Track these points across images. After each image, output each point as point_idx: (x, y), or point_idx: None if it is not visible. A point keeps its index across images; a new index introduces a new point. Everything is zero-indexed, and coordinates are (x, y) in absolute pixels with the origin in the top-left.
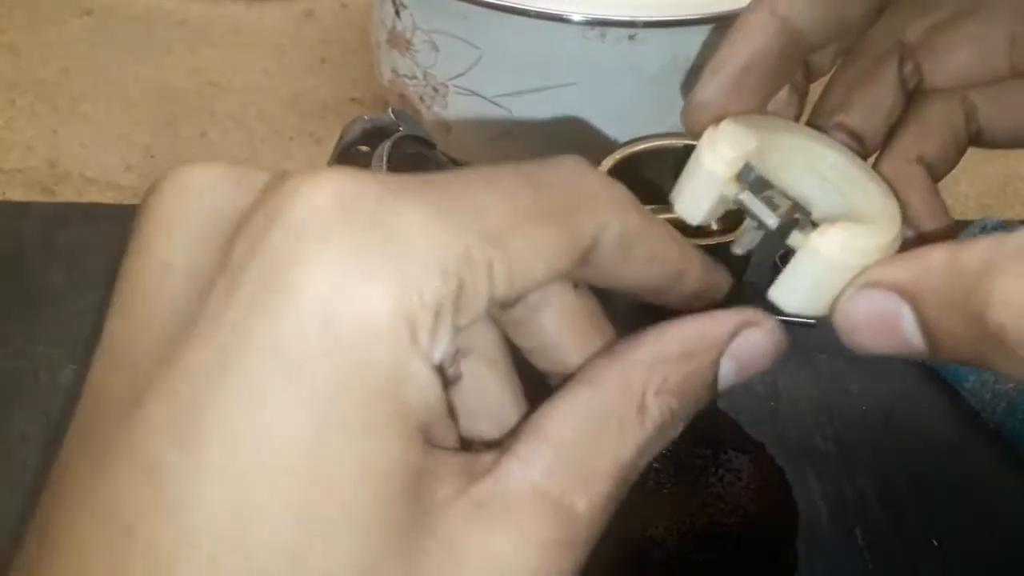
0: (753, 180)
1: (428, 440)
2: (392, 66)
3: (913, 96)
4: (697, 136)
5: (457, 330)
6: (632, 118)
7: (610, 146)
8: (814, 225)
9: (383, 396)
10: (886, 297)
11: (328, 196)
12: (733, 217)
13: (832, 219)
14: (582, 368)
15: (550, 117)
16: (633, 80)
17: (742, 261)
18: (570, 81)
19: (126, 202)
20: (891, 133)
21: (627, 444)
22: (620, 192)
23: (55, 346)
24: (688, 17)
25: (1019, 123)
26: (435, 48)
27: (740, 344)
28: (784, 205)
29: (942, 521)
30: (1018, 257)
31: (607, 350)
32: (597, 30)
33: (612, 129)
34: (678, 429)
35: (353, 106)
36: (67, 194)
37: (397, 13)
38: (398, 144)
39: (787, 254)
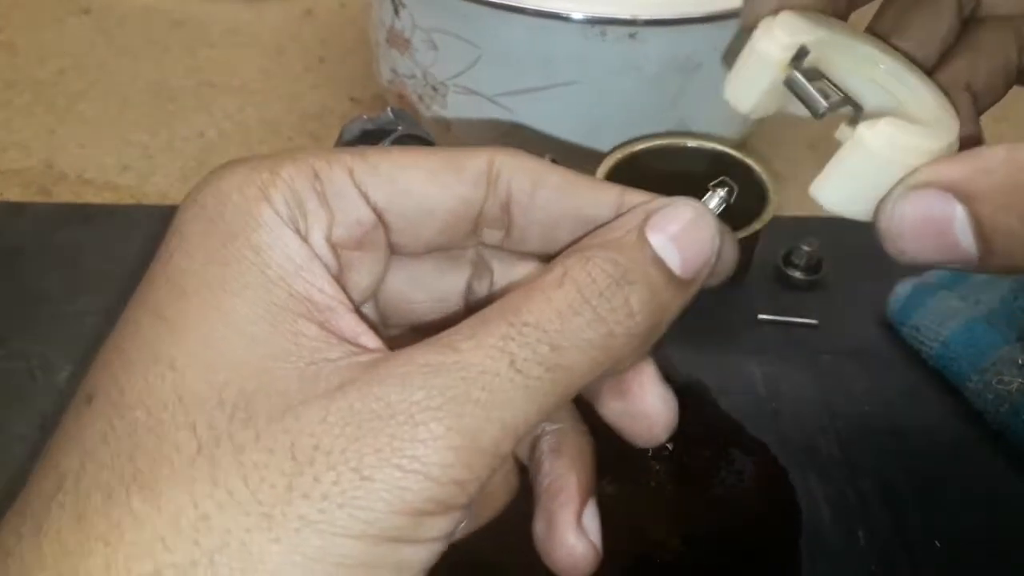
0: (806, 67)
1: (319, 320)
2: (391, 65)
3: (968, 22)
4: (752, 28)
5: (335, 219)
6: (632, 117)
7: (610, 146)
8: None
9: (233, 236)
10: (939, 198)
11: (237, 159)
12: (734, 217)
13: (882, 115)
14: None
15: (550, 116)
16: (633, 79)
17: (744, 261)
18: (570, 80)
19: (123, 203)
20: (943, 58)
21: (535, 297)
22: (510, 147)
23: (52, 347)
24: (689, 16)
25: None
26: (434, 47)
27: (656, 219)
28: (835, 96)
29: (944, 522)
30: None
31: None
32: (598, 29)
33: (612, 128)
34: (628, 302)
35: (352, 105)
36: (64, 195)
37: (396, 12)
38: (397, 143)
39: (790, 253)
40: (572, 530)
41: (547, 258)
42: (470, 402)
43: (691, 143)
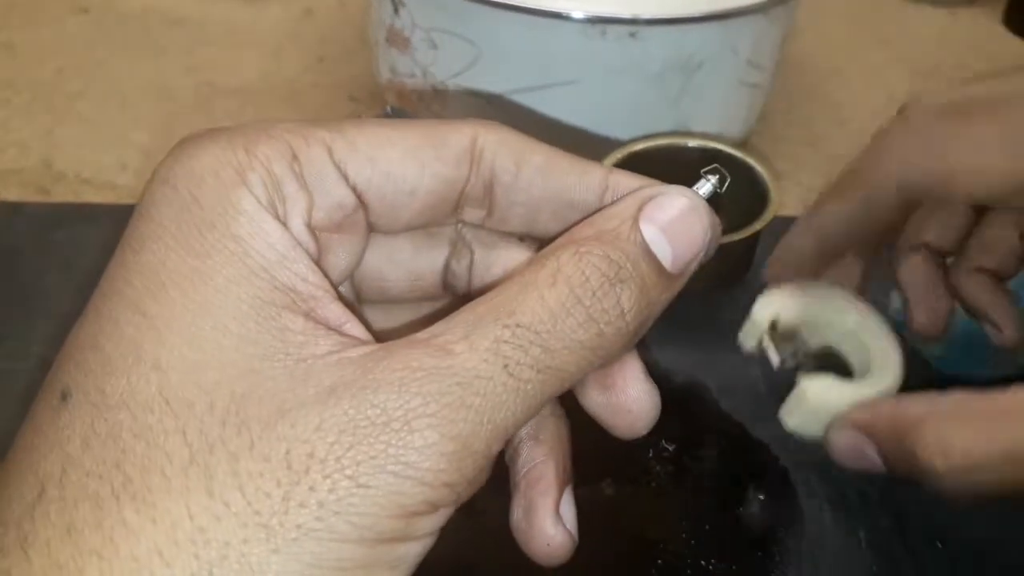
0: (782, 331)
1: (304, 310)
2: (391, 65)
3: (979, 211)
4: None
5: (314, 203)
6: (632, 117)
7: (610, 145)
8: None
9: (212, 225)
10: (855, 435)
11: (205, 131)
12: (734, 217)
13: (862, 363)
14: None
15: (550, 115)
16: (634, 78)
17: (744, 260)
18: (570, 79)
19: (122, 202)
20: (959, 247)
21: (528, 296)
22: (494, 123)
23: (51, 346)
24: (689, 15)
25: None
26: (434, 46)
27: (651, 208)
28: (800, 351)
29: (944, 523)
30: (942, 416)
31: None
32: (598, 28)
33: (612, 128)
34: (619, 301)
35: (351, 105)
36: (63, 194)
37: (396, 11)
38: None
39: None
40: (551, 519)
41: (528, 238)
42: (464, 407)
43: (691, 143)
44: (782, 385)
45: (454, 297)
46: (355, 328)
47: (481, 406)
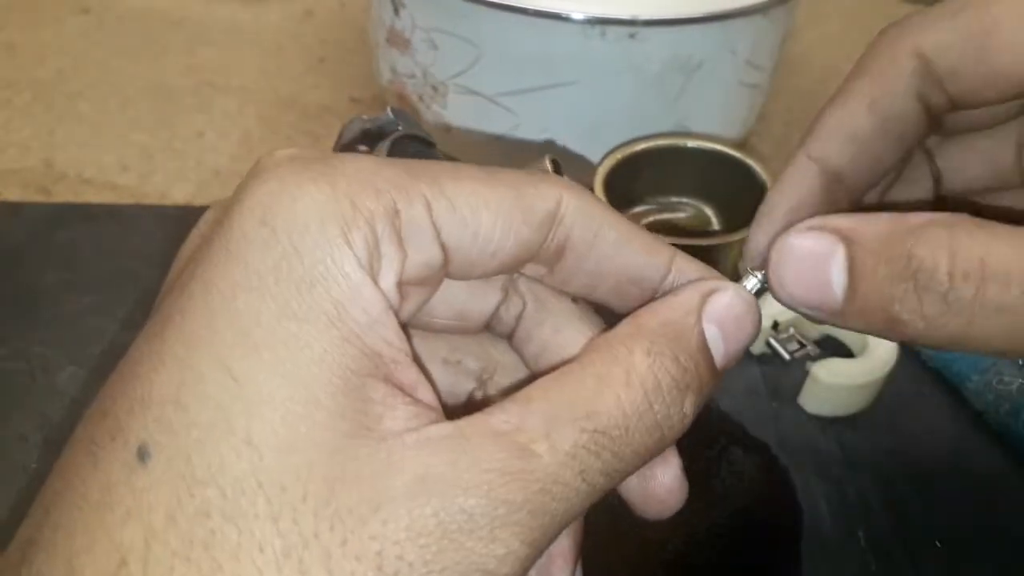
0: (779, 329)
1: (383, 374)
2: (391, 65)
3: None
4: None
5: (407, 260)
6: (632, 117)
7: (610, 146)
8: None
9: (312, 284)
10: (824, 238)
11: (287, 151)
12: (734, 217)
13: (859, 342)
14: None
15: (550, 116)
16: (633, 79)
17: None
18: (570, 80)
19: (123, 202)
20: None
21: (605, 398)
22: (577, 184)
23: (52, 347)
24: (689, 16)
25: None
26: (434, 47)
27: (713, 306)
28: (807, 344)
29: (944, 523)
30: (962, 221)
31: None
32: (598, 28)
33: (612, 128)
34: (683, 408)
35: (352, 105)
36: (64, 194)
37: (396, 12)
38: (397, 143)
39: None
40: None
41: (582, 300)
42: (543, 513)
43: (691, 143)
44: (781, 384)
45: (487, 329)
46: (426, 392)
47: (556, 511)
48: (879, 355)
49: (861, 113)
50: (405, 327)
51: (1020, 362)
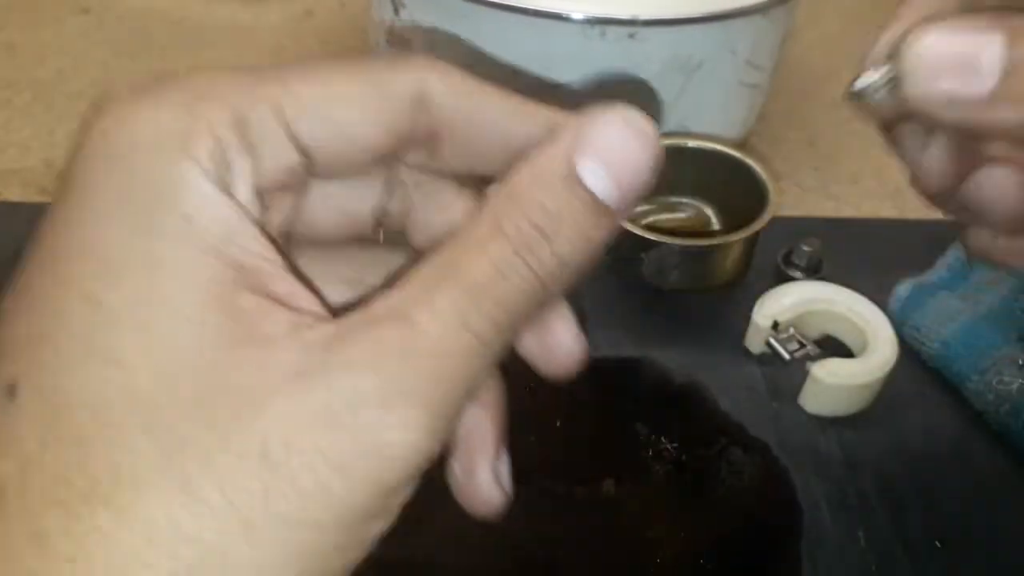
0: (782, 329)
1: (252, 285)
2: None
3: None
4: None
5: (262, 166)
6: None
7: None
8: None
9: (158, 202)
10: (978, 31)
11: (138, 85)
12: (734, 217)
13: (859, 342)
14: None
15: None
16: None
17: (744, 260)
18: (570, 80)
19: None
20: None
21: (474, 255)
22: (442, 63)
23: None
24: (689, 16)
25: None
26: (434, 47)
27: (586, 139)
28: (807, 344)
29: (944, 523)
30: None
31: None
32: (597, 28)
33: None
34: (558, 252)
35: None
36: None
37: (396, 12)
38: None
39: (789, 253)
40: (489, 478)
41: (470, 180)
42: (436, 379)
43: (691, 143)
44: (781, 384)
45: (388, 238)
46: (307, 300)
47: (452, 374)
48: (879, 355)
49: None
50: (280, 242)
51: (1020, 362)
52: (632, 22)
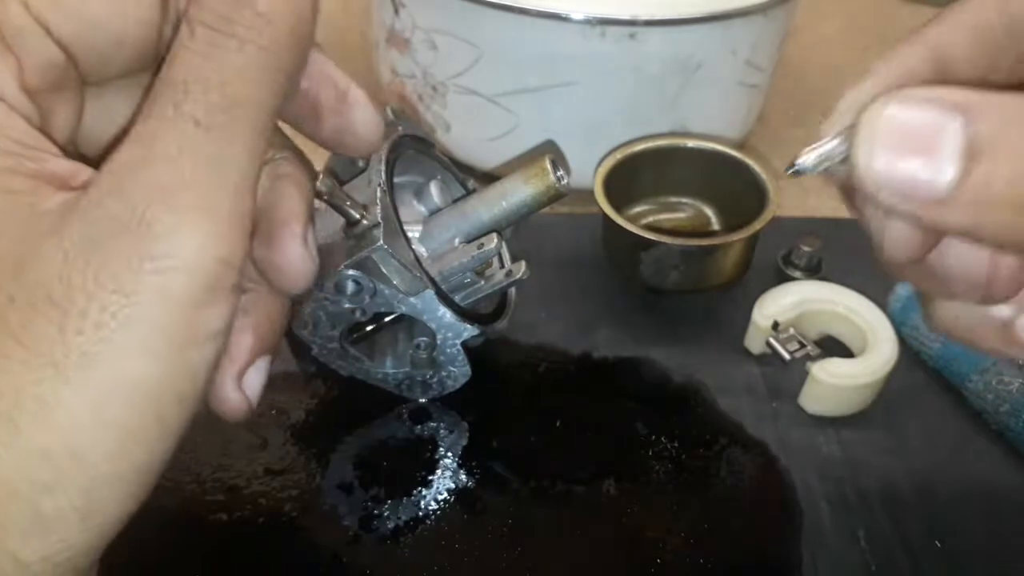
0: (779, 329)
1: (26, 171)
2: (391, 66)
3: None
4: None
5: (23, 63)
6: (632, 117)
7: (610, 146)
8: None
9: None
10: (932, 108)
11: None
12: (734, 217)
13: (859, 342)
14: None
15: (550, 116)
16: (633, 79)
17: (743, 260)
18: (570, 80)
19: None
20: None
21: (179, 58)
22: None
23: None
24: (689, 16)
25: None
26: (434, 47)
27: None
28: (807, 344)
29: (944, 523)
30: None
31: None
32: (598, 28)
33: (611, 129)
34: (256, 9)
35: None
36: None
37: (396, 12)
38: (397, 144)
39: (790, 253)
40: (231, 383)
41: None
42: (183, 181)
43: (691, 143)
44: (781, 384)
45: None
46: (85, 175)
47: (196, 169)
48: (879, 355)
49: (991, 6)
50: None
51: (1020, 362)
52: (632, 22)
